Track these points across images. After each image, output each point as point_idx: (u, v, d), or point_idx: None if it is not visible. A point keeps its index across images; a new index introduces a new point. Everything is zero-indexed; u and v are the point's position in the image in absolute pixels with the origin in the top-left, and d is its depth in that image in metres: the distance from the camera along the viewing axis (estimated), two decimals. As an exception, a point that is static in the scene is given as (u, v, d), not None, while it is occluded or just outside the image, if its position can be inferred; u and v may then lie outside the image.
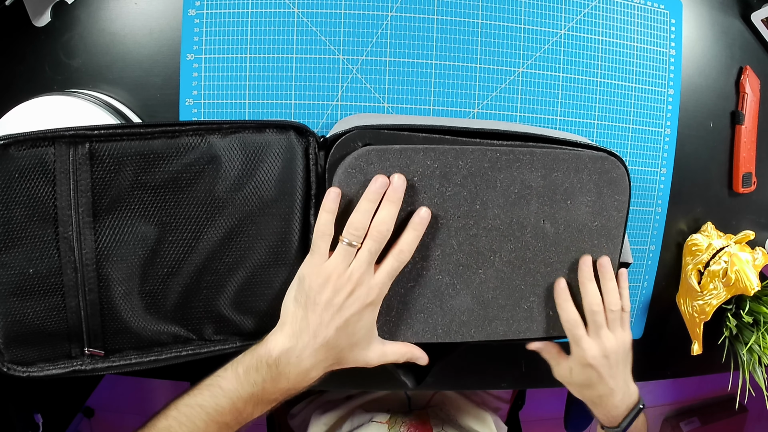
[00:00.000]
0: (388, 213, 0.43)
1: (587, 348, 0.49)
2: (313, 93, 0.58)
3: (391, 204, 0.43)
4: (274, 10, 0.57)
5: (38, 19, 0.55)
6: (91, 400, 1.30)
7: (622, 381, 0.51)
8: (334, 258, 0.43)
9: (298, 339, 0.42)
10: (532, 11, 0.61)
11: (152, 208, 0.44)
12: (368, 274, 0.43)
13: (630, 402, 0.52)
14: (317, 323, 0.42)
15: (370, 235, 0.43)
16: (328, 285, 0.42)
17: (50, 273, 0.43)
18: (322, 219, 0.43)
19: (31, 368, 0.45)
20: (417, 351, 0.48)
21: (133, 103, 0.57)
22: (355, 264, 0.42)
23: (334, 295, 0.42)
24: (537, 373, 0.68)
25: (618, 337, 0.50)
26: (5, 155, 0.40)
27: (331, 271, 0.42)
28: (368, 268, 0.43)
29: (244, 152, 0.44)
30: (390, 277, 0.44)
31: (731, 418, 1.53)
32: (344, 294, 0.42)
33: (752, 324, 0.64)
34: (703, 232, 0.67)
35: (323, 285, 0.42)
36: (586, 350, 0.49)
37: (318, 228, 0.43)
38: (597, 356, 0.49)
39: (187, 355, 0.48)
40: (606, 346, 0.49)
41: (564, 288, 0.50)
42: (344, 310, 0.42)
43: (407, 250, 0.44)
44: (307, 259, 0.44)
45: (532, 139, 0.48)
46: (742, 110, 0.67)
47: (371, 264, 0.43)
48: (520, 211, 0.48)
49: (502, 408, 0.88)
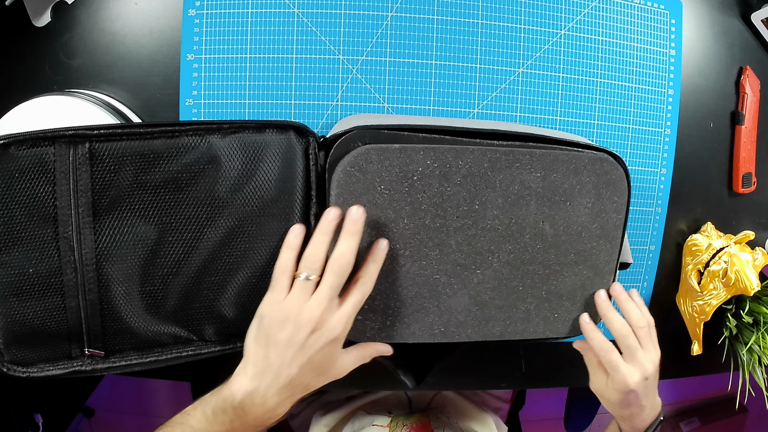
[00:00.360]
0: (347, 246, 0.41)
1: (628, 374, 0.48)
2: (313, 93, 0.58)
3: (351, 236, 0.41)
4: (274, 10, 0.57)
5: (38, 19, 0.55)
6: (91, 400, 1.30)
7: (652, 396, 0.51)
8: (292, 294, 0.41)
9: (261, 380, 0.41)
10: (532, 11, 0.61)
11: (152, 208, 0.44)
12: (330, 310, 0.41)
13: (654, 414, 0.52)
14: (279, 363, 0.41)
15: (329, 269, 0.41)
16: (287, 323, 0.40)
17: (50, 273, 0.43)
18: (283, 255, 0.42)
19: (31, 369, 0.45)
20: (379, 346, 0.48)
21: (133, 103, 0.57)
22: (315, 300, 0.41)
23: (294, 333, 0.40)
24: (537, 373, 0.68)
25: (653, 358, 0.50)
26: (5, 155, 0.40)
27: (290, 308, 0.41)
28: (330, 304, 0.41)
29: (244, 152, 0.44)
30: (355, 309, 0.43)
31: (731, 418, 1.53)
32: (305, 332, 0.40)
33: (752, 324, 0.64)
34: (703, 232, 0.67)
35: (283, 323, 0.41)
36: (627, 376, 0.48)
37: (279, 264, 0.42)
38: (639, 381, 0.48)
39: (188, 356, 0.48)
40: (646, 369, 0.49)
41: (588, 322, 0.50)
42: (307, 348, 0.41)
43: (369, 282, 0.43)
44: (267, 296, 0.43)
45: (532, 140, 0.48)
46: (742, 110, 0.67)
47: (333, 299, 0.41)
48: (519, 211, 0.48)
49: (502, 408, 0.88)
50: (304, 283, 0.41)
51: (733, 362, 0.67)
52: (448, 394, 0.78)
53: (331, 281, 0.41)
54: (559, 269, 0.50)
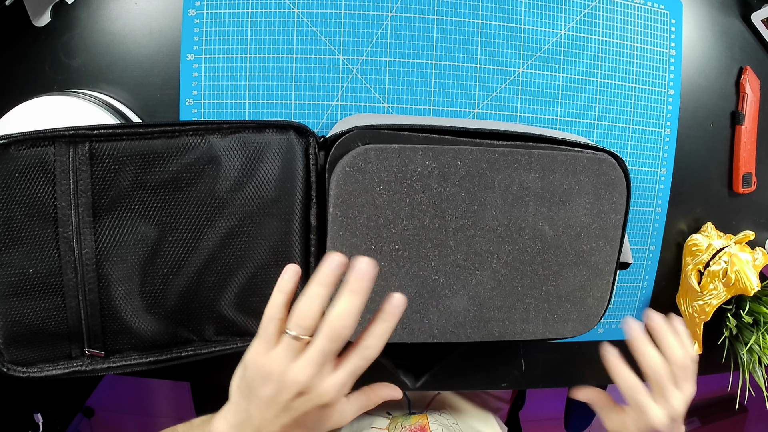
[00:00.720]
0: (348, 306, 0.34)
1: (655, 415, 0.43)
2: (313, 93, 0.58)
3: (355, 296, 0.34)
4: (274, 10, 0.57)
5: (38, 19, 0.55)
6: (91, 400, 1.30)
7: None
8: (277, 350, 0.35)
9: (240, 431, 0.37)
10: (532, 11, 0.61)
11: (152, 208, 0.44)
12: (320, 377, 0.35)
13: None
14: (260, 419, 0.36)
15: (323, 332, 0.34)
16: (269, 381, 0.35)
17: (50, 273, 0.43)
18: (273, 300, 0.37)
19: (31, 369, 0.45)
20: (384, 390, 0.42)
21: (133, 103, 0.57)
22: (302, 362, 0.35)
23: (277, 393, 0.35)
24: (537, 373, 0.68)
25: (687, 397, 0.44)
26: (5, 155, 0.40)
27: (273, 365, 0.35)
28: (320, 371, 0.35)
29: (244, 152, 0.44)
30: (354, 377, 0.36)
31: (731, 418, 1.53)
32: (289, 394, 0.35)
33: (752, 324, 0.64)
34: (703, 232, 0.67)
35: (265, 379, 0.35)
36: (653, 417, 0.43)
37: (267, 309, 0.37)
38: (665, 422, 0.43)
39: (188, 356, 0.48)
40: (675, 409, 0.43)
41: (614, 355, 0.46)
42: (291, 410, 0.35)
43: (375, 347, 0.36)
44: (253, 343, 0.37)
45: (532, 140, 0.48)
46: (742, 110, 0.67)
47: (323, 365, 0.35)
48: (518, 212, 0.48)
49: (502, 408, 0.88)
50: (292, 343, 0.35)
51: (733, 362, 0.67)
52: (448, 395, 0.77)
53: (323, 346, 0.35)
54: (558, 270, 0.50)
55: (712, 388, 1.60)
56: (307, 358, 0.35)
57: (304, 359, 0.35)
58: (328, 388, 0.35)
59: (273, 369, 0.35)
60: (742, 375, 0.65)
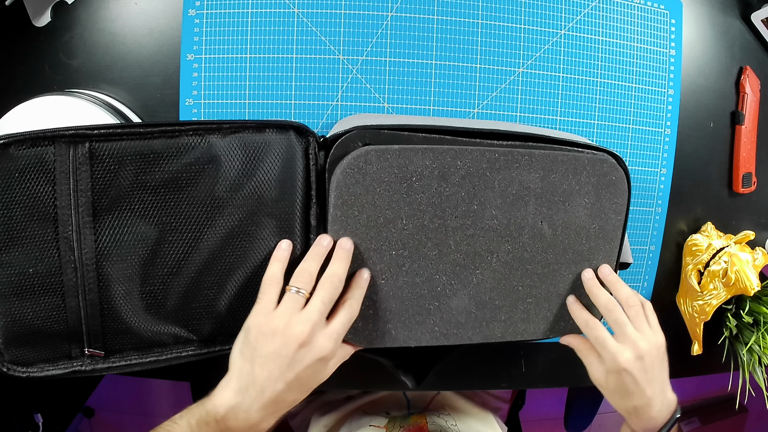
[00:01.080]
0: (338, 268, 0.42)
1: (617, 351, 0.45)
2: (313, 93, 0.58)
3: (341, 261, 0.43)
4: (274, 10, 0.57)
5: (38, 19, 0.55)
6: (91, 400, 1.30)
7: (659, 388, 0.47)
8: (281, 307, 0.41)
9: (245, 395, 0.40)
10: (532, 11, 0.61)
11: (152, 208, 0.44)
12: (321, 326, 0.41)
13: (667, 413, 0.48)
14: (264, 377, 0.39)
15: (322, 285, 0.41)
16: (275, 336, 0.39)
17: (50, 273, 0.43)
18: (272, 267, 0.43)
19: (31, 369, 0.45)
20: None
21: (133, 103, 0.57)
22: (305, 313, 0.40)
23: (282, 346, 0.39)
24: (537, 373, 0.68)
25: (649, 338, 0.46)
26: (5, 155, 0.40)
27: (278, 320, 0.40)
28: (320, 319, 0.41)
29: (244, 152, 0.44)
30: (344, 329, 0.42)
31: (731, 418, 1.53)
32: (294, 346, 0.39)
33: (752, 324, 0.64)
34: (703, 232, 0.67)
35: (271, 336, 0.40)
36: (616, 353, 0.45)
37: (267, 276, 0.42)
38: (630, 359, 0.45)
39: (188, 356, 0.48)
40: (638, 347, 0.45)
41: (573, 301, 0.50)
42: (295, 363, 0.40)
43: (356, 305, 0.43)
44: (254, 310, 0.42)
45: (532, 140, 0.48)
46: (742, 110, 0.67)
47: (323, 315, 0.41)
48: (517, 212, 0.48)
49: (502, 408, 0.88)
50: (295, 297, 0.41)
51: (733, 362, 0.67)
52: (448, 395, 0.77)
53: (323, 296, 0.41)
54: (558, 269, 0.50)
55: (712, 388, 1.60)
56: (310, 308, 0.41)
57: (307, 310, 0.40)
58: (326, 339, 0.41)
59: (277, 324, 0.40)
60: (742, 375, 0.65)
